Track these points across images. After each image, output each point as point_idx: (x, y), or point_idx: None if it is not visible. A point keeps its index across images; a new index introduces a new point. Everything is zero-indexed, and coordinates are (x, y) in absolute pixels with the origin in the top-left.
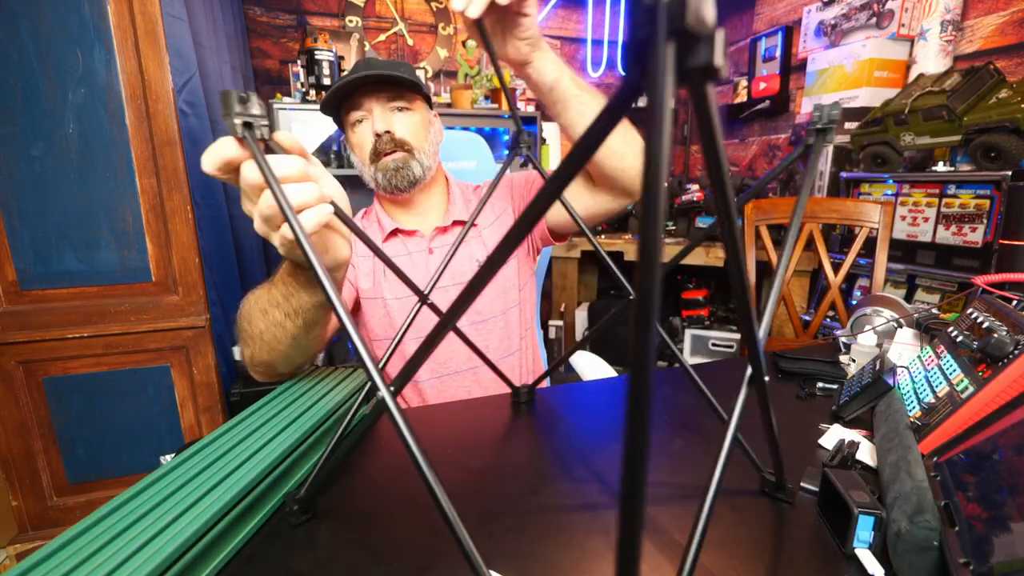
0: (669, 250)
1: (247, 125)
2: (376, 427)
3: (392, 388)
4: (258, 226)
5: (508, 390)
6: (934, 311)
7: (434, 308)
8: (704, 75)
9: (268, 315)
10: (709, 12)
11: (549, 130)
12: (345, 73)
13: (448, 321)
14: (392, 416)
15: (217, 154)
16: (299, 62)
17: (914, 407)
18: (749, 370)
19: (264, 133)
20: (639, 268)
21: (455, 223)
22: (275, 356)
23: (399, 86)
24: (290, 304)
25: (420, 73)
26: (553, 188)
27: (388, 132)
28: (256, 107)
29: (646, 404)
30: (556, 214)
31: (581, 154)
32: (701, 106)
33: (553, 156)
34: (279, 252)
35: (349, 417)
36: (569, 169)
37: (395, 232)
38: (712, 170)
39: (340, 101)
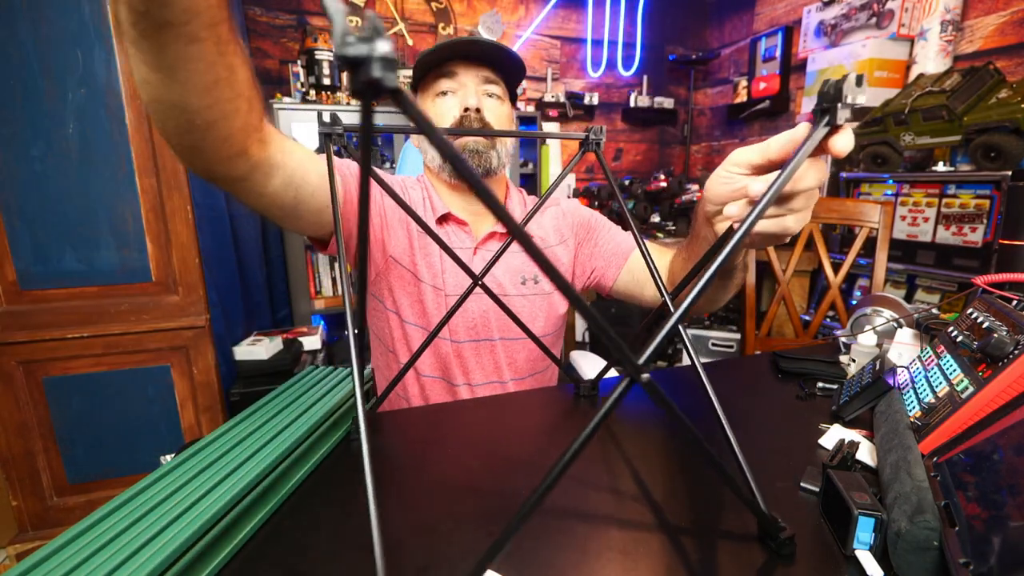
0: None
1: (327, 136)
2: (377, 429)
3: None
4: None
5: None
6: (934, 311)
7: (485, 290)
8: (371, 89)
9: None
10: (356, 45)
11: (548, 129)
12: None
13: (477, 280)
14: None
15: None
16: (299, 62)
17: (914, 407)
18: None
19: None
20: None
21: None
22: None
23: (497, 70)
24: None
25: None
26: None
27: (479, 111)
28: (335, 121)
29: None
30: (625, 283)
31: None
32: (365, 119)
33: (553, 159)
34: None
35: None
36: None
37: (446, 217)
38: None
39: (429, 67)
